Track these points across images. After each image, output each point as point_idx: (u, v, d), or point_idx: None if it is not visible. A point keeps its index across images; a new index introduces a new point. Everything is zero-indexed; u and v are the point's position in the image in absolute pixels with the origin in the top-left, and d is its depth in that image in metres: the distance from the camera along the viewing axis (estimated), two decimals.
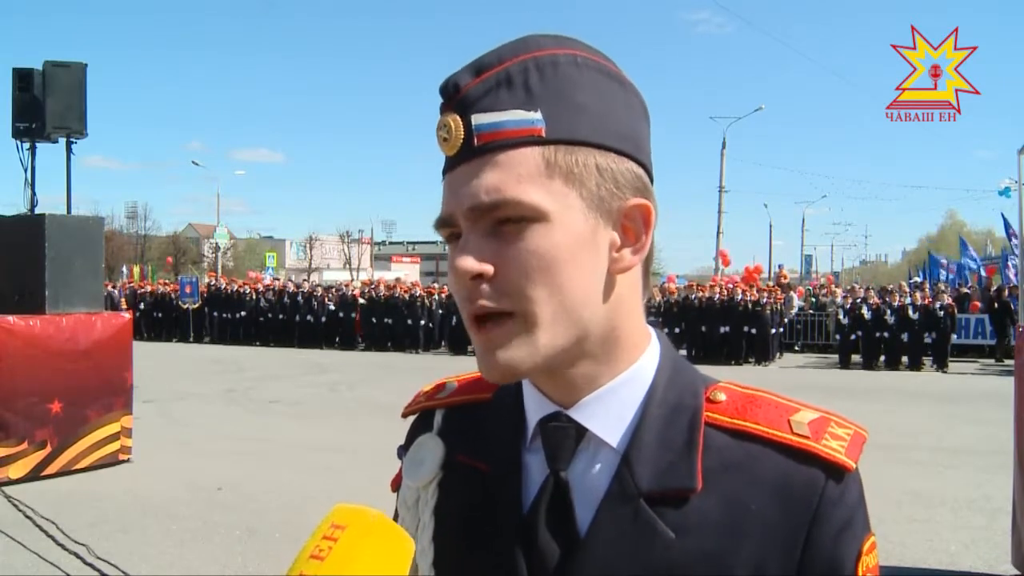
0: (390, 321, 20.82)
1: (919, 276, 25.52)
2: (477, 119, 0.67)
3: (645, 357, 0.75)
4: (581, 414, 0.73)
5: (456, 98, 0.68)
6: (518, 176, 0.66)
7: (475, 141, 0.67)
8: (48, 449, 6.53)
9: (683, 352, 18.46)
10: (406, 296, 20.97)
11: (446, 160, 0.71)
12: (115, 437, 7.03)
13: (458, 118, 0.68)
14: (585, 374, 0.72)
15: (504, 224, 0.67)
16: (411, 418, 0.90)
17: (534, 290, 0.66)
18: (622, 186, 0.70)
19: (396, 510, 0.82)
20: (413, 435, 0.87)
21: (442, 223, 0.71)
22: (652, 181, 0.74)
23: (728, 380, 0.78)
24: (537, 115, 0.67)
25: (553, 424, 0.73)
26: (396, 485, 0.86)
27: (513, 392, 0.79)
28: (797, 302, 21.17)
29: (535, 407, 0.76)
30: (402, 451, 0.85)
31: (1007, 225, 21.86)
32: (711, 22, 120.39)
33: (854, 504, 0.70)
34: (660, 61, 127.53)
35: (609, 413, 0.73)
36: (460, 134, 0.68)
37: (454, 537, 0.75)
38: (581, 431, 0.73)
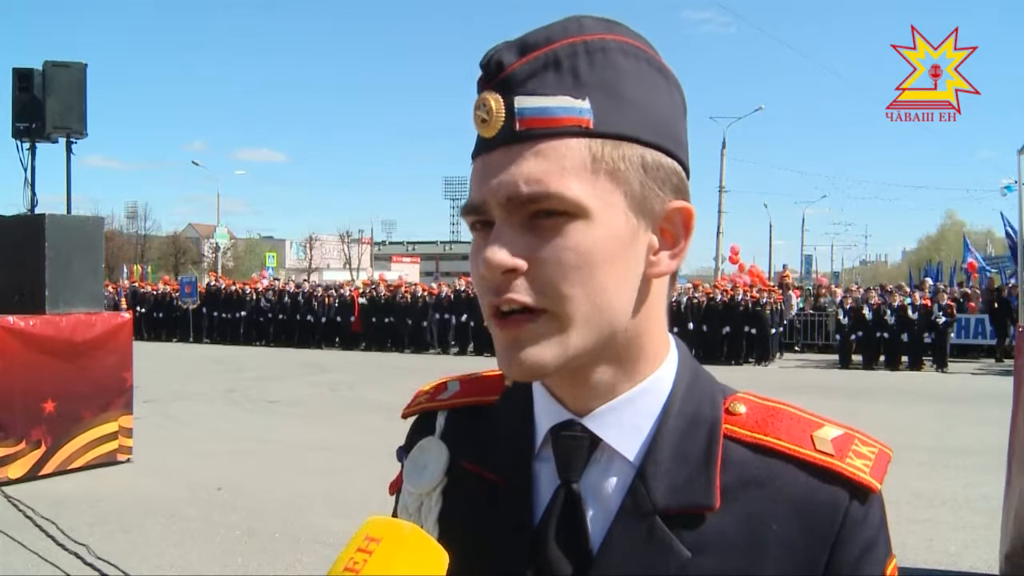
0: (390, 320, 20.82)
1: (928, 278, 25.51)
2: (521, 102, 0.63)
3: (665, 366, 0.72)
4: (596, 423, 0.70)
5: (499, 77, 0.64)
6: (562, 168, 0.62)
7: (517, 125, 0.63)
8: (43, 448, 6.53)
9: None
10: (407, 296, 20.97)
11: (480, 141, 0.66)
12: (113, 437, 7.02)
13: (500, 98, 0.64)
14: (605, 381, 0.69)
15: (542, 218, 0.63)
16: (411, 419, 0.86)
17: (570, 289, 0.63)
18: (664, 187, 0.67)
19: (395, 515, 0.79)
20: (414, 437, 0.83)
21: (472, 210, 0.66)
22: (688, 176, 0.71)
23: (747, 391, 0.75)
24: (585, 104, 0.63)
25: (566, 433, 0.70)
26: (395, 488, 0.83)
27: (521, 396, 0.76)
28: (796, 302, 21.17)
29: (546, 413, 0.72)
30: (402, 453, 0.82)
31: (1007, 223, 21.88)
32: (715, 21, 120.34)
33: (877, 526, 0.68)
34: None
35: (625, 424, 0.70)
36: (501, 116, 0.64)
37: (460, 547, 0.71)
38: (595, 441, 0.70)
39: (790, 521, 0.66)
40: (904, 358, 17.09)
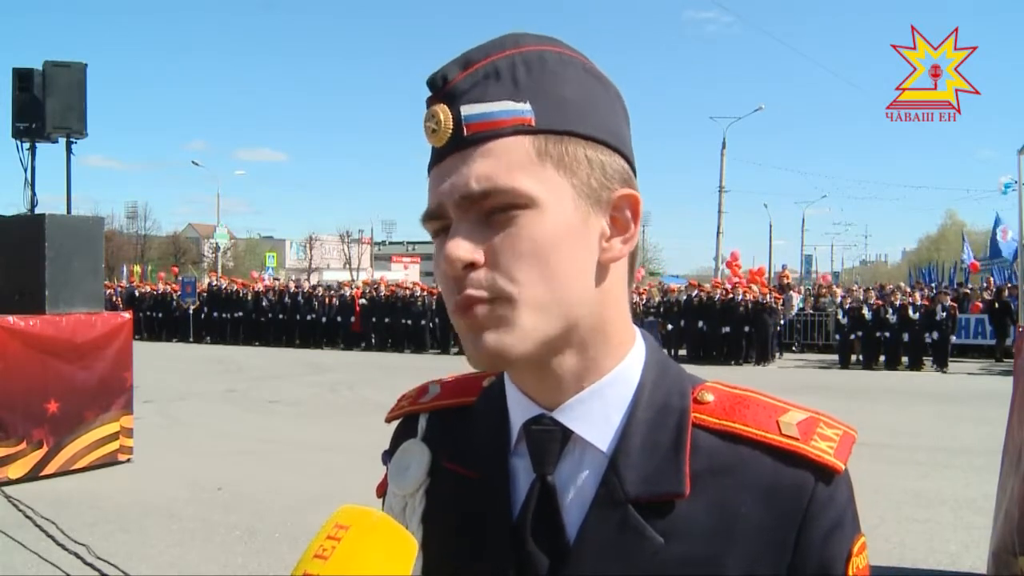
0: (389, 320, 20.84)
1: (923, 279, 25.53)
2: (466, 109, 0.67)
3: (631, 357, 0.74)
4: (566, 416, 0.72)
5: (444, 90, 0.68)
6: (509, 164, 0.66)
7: (464, 131, 0.67)
8: (45, 449, 6.53)
9: (683, 352, 18.48)
10: (407, 296, 20.98)
11: (434, 152, 0.70)
12: (114, 437, 7.02)
13: (447, 108, 0.68)
14: (571, 372, 0.71)
15: (495, 213, 0.66)
16: (395, 423, 0.89)
17: (524, 274, 0.66)
18: (611, 176, 0.70)
19: None
20: (397, 440, 0.85)
21: (430, 216, 0.70)
22: (635, 173, 0.74)
23: (715, 380, 0.77)
24: (526, 106, 0.67)
25: (537, 427, 0.72)
26: (381, 491, 0.85)
27: (497, 395, 0.78)
28: (797, 302, 21.16)
29: (519, 410, 0.75)
30: (387, 457, 0.84)
31: (996, 222, 21.94)
32: (718, 22, 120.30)
33: (843, 505, 0.70)
34: (662, 61, 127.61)
35: (595, 415, 0.72)
36: (449, 125, 0.67)
37: (444, 545, 0.74)
38: (567, 434, 0.72)
39: (758, 504, 0.68)
40: (904, 358, 17.10)
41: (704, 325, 18.21)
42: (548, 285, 0.66)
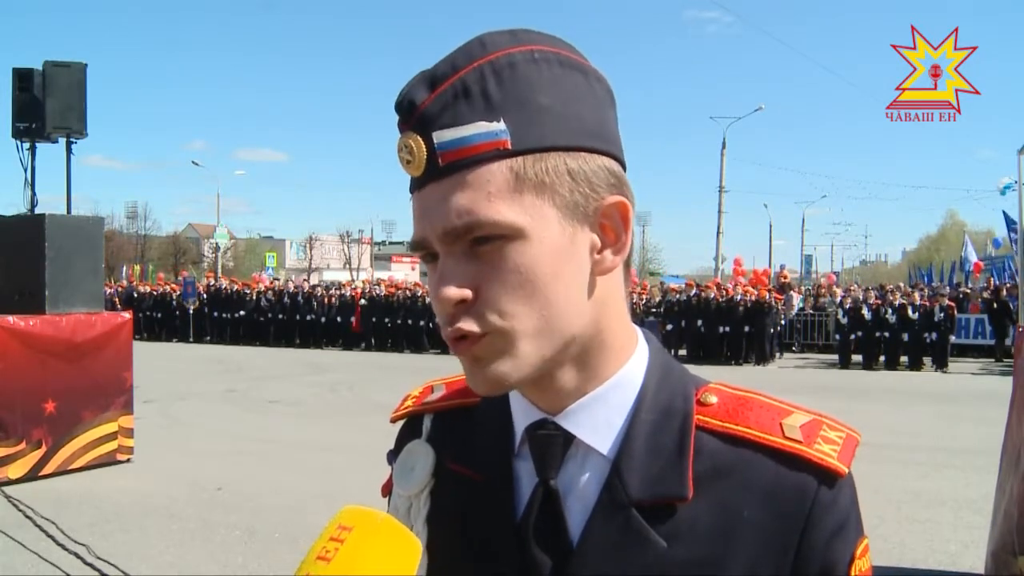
0: (389, 320, 20.84)
1: (921, 280, 25.53)
2: (439, 136, 0.64)
3: (633, 361, 0.73)
4: (568, 421, 0.71)
5: (414, 116, 0.65)
6: (488, 195, 0.64)
7: (440, 160, 0.64)
8: (44, 448, 6.53)
9: (683, 352, 18.48)
10: (407, 296, 20.98)
11: (412, 179, 0.68)
12: (113, 437, 7.02)
13: (419, 138, 0.65)
14: (571, 380, 0.71)
15: (480, 244, 0.65)
16: (400, 422, 0.89)
17: (516, 306, 0.65)
18: (596, 186, 0.67)
19: None
20: (402, 440, 0.85)
21: (417, 246, 0.69)
22: (624, 168, 0.72)
23: (719, 381, 0.76)
24: (501, 125, 0.64)
25: (540, 432, 0.72)
26: (387, 491, 0.85)
27: (500, 397, 0.77)
28: (797, 302, 21.15)
29: (522, 414, 0.75)
30: (392, 456, 0.84)
31: (1009, 222, 21.87)
32: (719, 22, 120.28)
33: (846, 509, 0.70)
34: (662, 61, 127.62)
35: (597, 420, 0.71)
36: (423, 154, 0.65)
37: (448, 546, 0.74)
38: (569, 438, 0.71)
39: (761, 507, 0.68)
40: (904, 358, 17.09)
41: (704, 325, 18.21)
42: (541, 313, 0.65)
